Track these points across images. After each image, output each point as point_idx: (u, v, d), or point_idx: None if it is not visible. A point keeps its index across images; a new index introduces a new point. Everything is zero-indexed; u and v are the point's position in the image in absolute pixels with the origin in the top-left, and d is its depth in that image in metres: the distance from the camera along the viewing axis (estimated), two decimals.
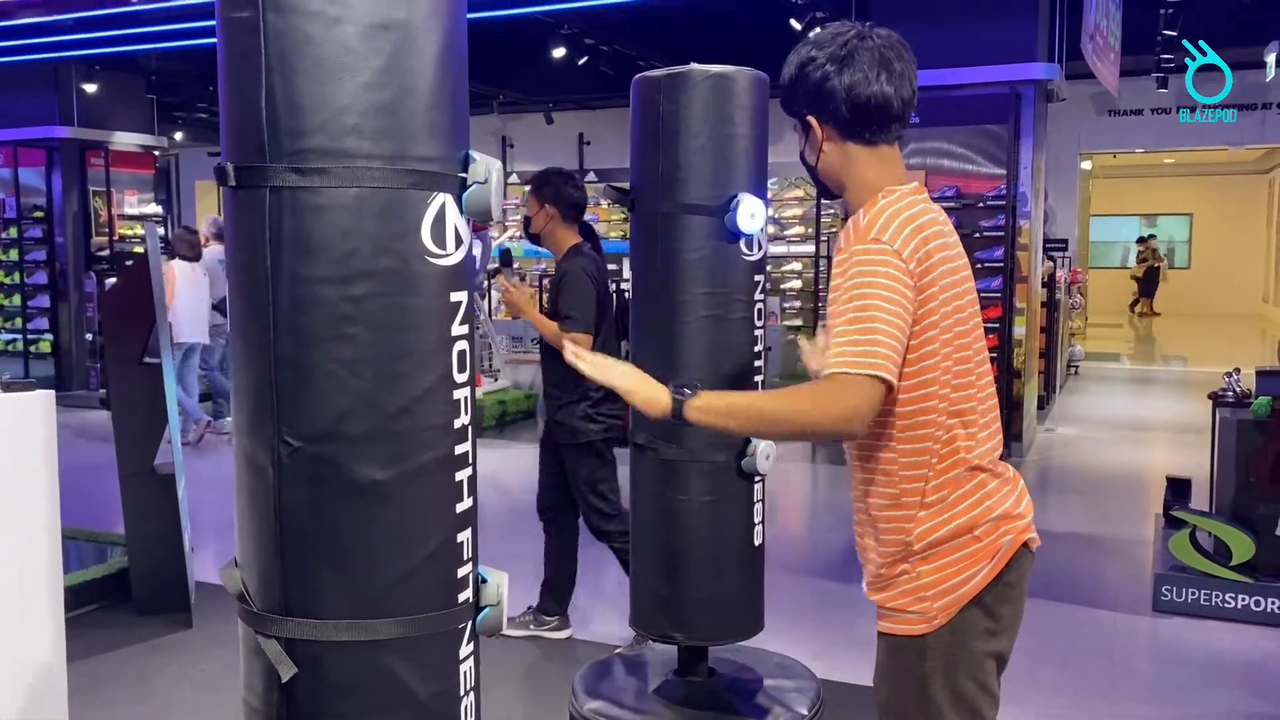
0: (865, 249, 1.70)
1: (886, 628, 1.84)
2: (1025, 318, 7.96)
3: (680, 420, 1.82)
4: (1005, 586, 1.81)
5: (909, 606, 1.80)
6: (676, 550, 3.20)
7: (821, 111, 1.82)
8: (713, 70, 3.03)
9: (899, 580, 1.80)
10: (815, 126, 1.84)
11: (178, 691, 3.74)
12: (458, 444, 1.76)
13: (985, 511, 1.79)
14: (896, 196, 1.79)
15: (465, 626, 1.79)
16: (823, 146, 1.85)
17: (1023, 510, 1.86)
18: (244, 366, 1.71)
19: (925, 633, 1.79)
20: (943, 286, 1.75)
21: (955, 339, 1.78)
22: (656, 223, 3.14)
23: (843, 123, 1.81)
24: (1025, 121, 7.70)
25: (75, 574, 4.54)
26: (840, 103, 1.79)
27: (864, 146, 1.83)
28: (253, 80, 1.63)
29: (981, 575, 1.78)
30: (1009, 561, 1.81)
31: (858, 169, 1.84)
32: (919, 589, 1.79)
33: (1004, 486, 1.85)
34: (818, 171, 1.89)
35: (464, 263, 1.77)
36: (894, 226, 1.72)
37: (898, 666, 1.83)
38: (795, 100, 1.86)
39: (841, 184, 1.87)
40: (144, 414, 4.46)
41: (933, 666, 1.79)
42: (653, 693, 3.33)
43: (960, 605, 1.78)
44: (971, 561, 1.78)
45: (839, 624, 4.47)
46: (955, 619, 1.78)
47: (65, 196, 11.14)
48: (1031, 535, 1.87)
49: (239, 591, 1.74)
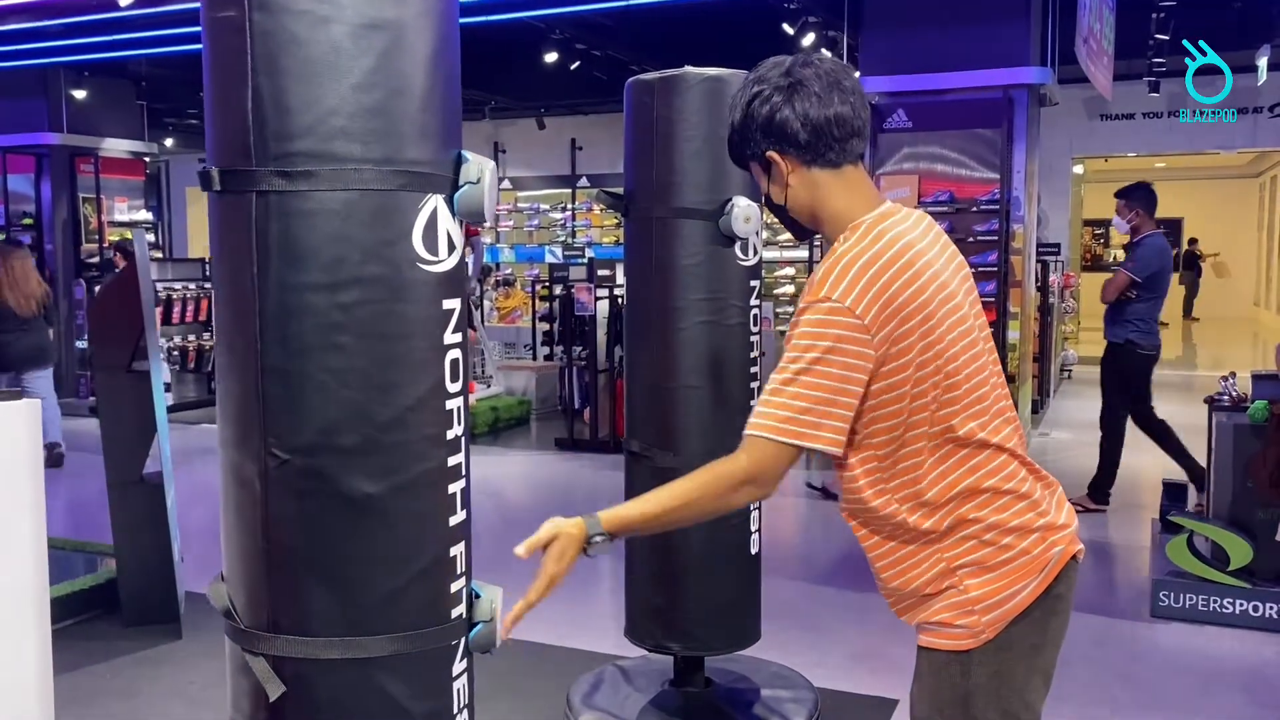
0: (816, 307, 1.67)
1: (929, 642, 1.79)
2: (1019, 322, 7.94)
3: (599, 540, 1.71)
4: (1054, 599, 1.77)
5: (955, 620, 1.75)
6: (672, 560, 3.16)
7: (781, 141, 1.76)
8: (707, 73, 3.00)
9: (945, 594, 1.75)
10: (778, 160, 1.77)
11: (167, 705, 3.69)
12: (451, 455, 1.72)
13: (1033, 521, 1.75)
14: (862, 233, 1.73)
15: (458, 643, 1.74)
16: (789, 180, 1.78)
17: (1066, 519, 1.82)
18: (230, 376, 1.67)
19: (971, 648, 1.74)
20: (925, 318, 1.68)
21: (949, 363, 1.72)
22: (651, 228, 3.11)
23: (804, 148, 1.75)
24: (1018, 125, 7.69)
25: (63, 585, 4.48)
26: (798, 129, 1.74)
27: (829, 170, 1.77)
28: (238, 81, 1.59)
29: (1030, 589, 1.74)
30: (1058, 574, 1.77)
31: (828, 199, 1.78)
32: (966, 603, 1.74)
33: (1046, 494, 1.80)
34: (787, 210, 1.82)
35: (457, 269, 1.73)
36: (850, 277, 1.66)
37: (939, 682, 1.78)
38: (750, 140, 1.79)
39: (815, 216, 1.81)
40: (132, 422, 4.41)
41: (977, 683, 1.74)
42: (649, 704, 3.29)
43: (1008, 620, 1.73)
44: (1021, 575, 1.73)
45: (836, 633, 4.43)
46: (1002, 634, 1.74)
47: (55, 203, 11.07)
48: (1079, 546, 1.83)
49: (225, 607, 1.70)
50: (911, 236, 1.75)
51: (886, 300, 1.66)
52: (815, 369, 1.64)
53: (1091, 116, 13.03)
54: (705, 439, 3.10)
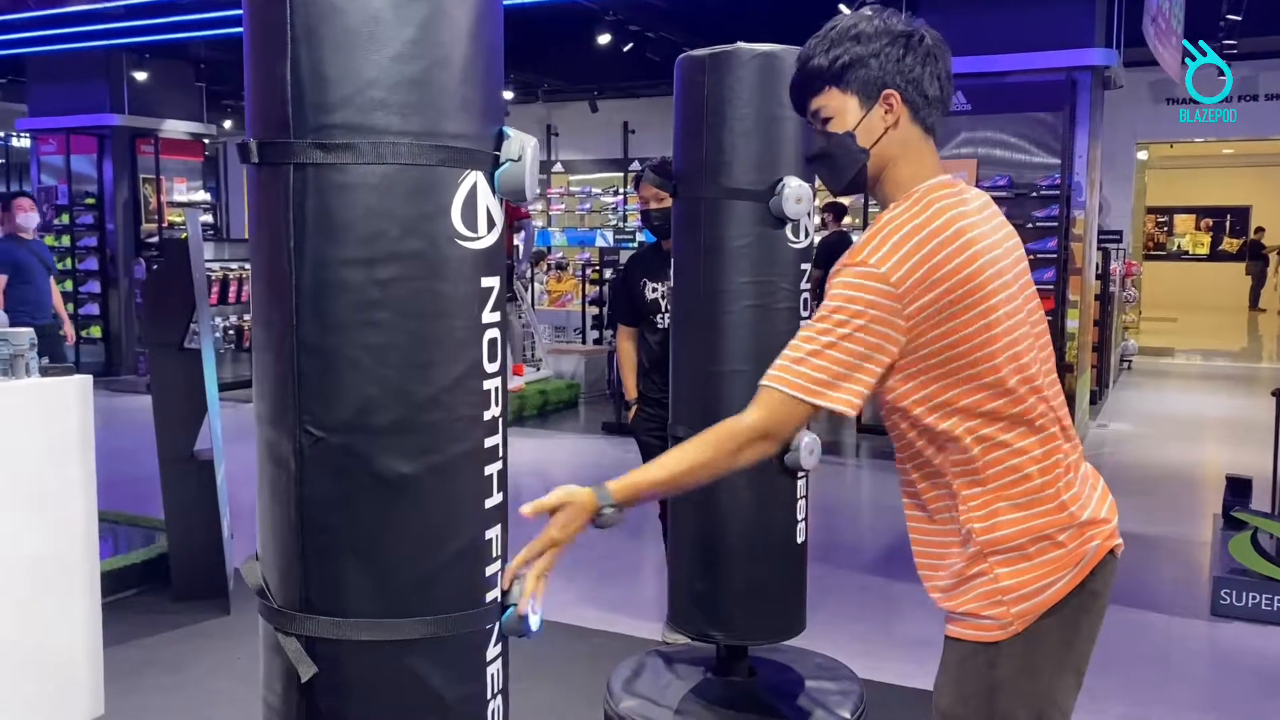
0: (851, 269, 1.62)
1: (956, 632, 1.74)
2: (1079, 310, 7.76)
3: (610, 512, 1.66)
4: (1088, 595, 1.71)
5: (983, 611, 1.69)
6: (716, 547, 3.11)
7: (910, 86, 1.70)
8: (760, 49, 2.92)
9: (975, 583, 1.70)
10: (895, 102, 1.70)
11: (214, 680, 3.72)
12: (488, 436, 1.68)
13: (1070, 515, 1.68)
14: (911, 202, 1.67)
15: (493, 627, 1.71)
16: (888, 125, 1.70)
17: (1107, 513, 1.75)
18: (266, 353, 1.65)
19: (999, 639, 1.68)
20: (971, 291, 1.62)
21: (988, 345, 1.65)
22: (700, 208, 3.05)
23: (922, 104, 1.70)
24: (1081, 109, 7.50)
25: (115, 559, 4.55)
26: (931, 82, 1.70)
27: (922, 132, 1.73)
28: (278, 52, 1.56)
29: (1064, 582, 1.68)
30: (1093, 569, 1.71)
31: (905, 159, 1.72)
32: (996, 592, 1.68)
33: (1086, 485, 1.74)
34: (869, 154, 1.72)
35: (496, 246, 1.69)
36: (890, 244, 1.61)
37: (965, 674, 1.73)
38: (885, 69, 1.68)
39: (882, 173, 1.73)
40: (184, 400, 4.45)
41: (1004, 676, 1.69)
42: (690, 692, 3.25)
43: (1039, 613, 1.67)
44: (1055, 568, 1.67)
45: (882, 624, 4.36)
46: (1032, 627, 1.68)
47: (116, 183, 11.26)
48: (1117, 541, 1.76)
49: (259, 586, 1.68)
50: (964, 209, 1.68)
51: (927, 272, 1.60)
52: (842, 332, 1.60)
53: (1157, 100, 12.67)
54: None
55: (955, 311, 1.61)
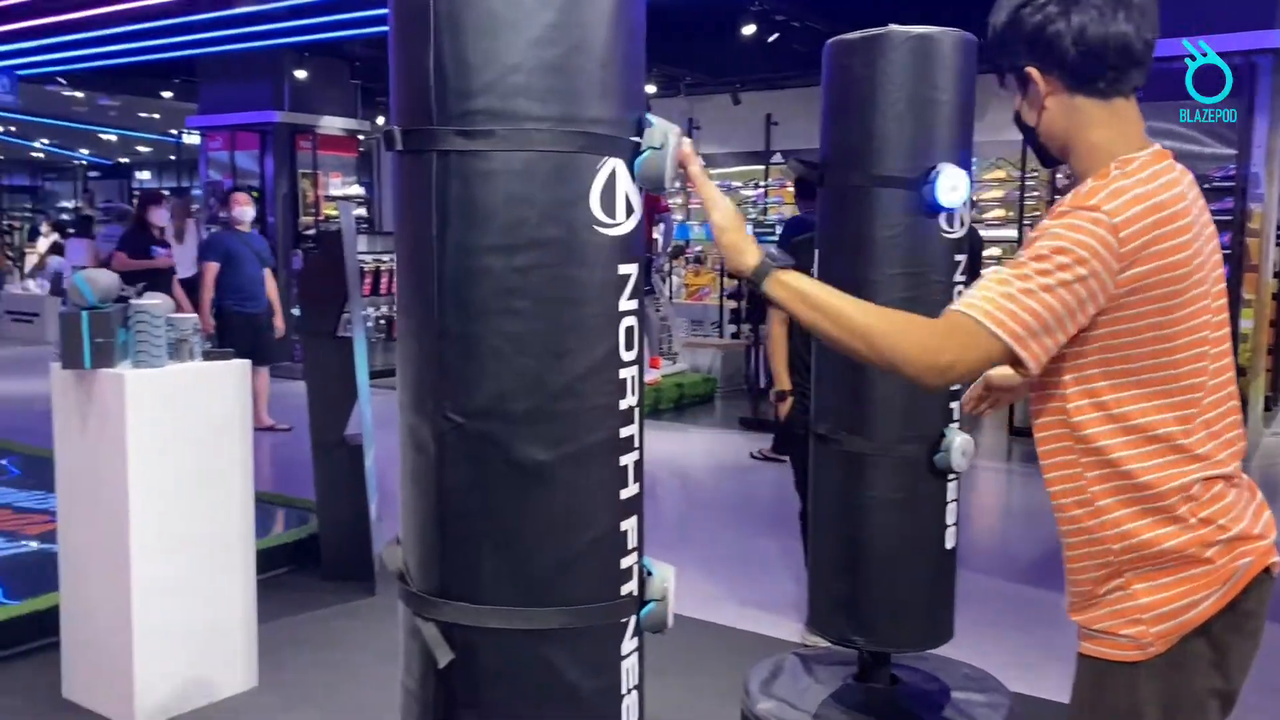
0: (1080, 213, 1.47)
1: (1090, 650, 1.61)
2: (1253, 310, 7.28)
3: (755, 286, 1.61)
4: (1239, 616, 1.57)
5: (1120, 629, 1.56)
6: (860, 550, 3.01)
7: (1044, 60, 1.55)
8: (914, 31, 2.81)
9: (1110, 598, 1.57)
10: (1037, 79, 1.56)
11: (360, 659, 3.83)
12: (623, 426, 1.65)
13: (1218, 530, 1.54)
14: (1137, 167, 1.51)
15: (628, 621, 1.68)
16: (1045, 103, 1.57)
17: (1263, 529, 1.60)
18: (409, 339, 1.66)
19: (1138, 660, 1.55)
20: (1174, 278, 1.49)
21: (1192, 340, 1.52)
22: (847, 197, 2.95)
23: (1071, 72, 1.54)
24: (1261, 96, 7.02)
25: (269, 538, 4.74)
26: (1068, 47, 1.52)
27: (1096, 100, 1.56)
28: (421, 39, 1.57)
29: (1211, 601, 1.54)
30: (1245, 588, 1.56)
31: (1087, 129, 1.56)
32: (1134, 610, 1.55)
33: (1241, 500, 1.59)
34: (1038, 133, 1.61)
35: (634, 232, 1.65)
36: (1125, 199, 1.47)
37: (1100, 696, 1.60)
38: (1010, 50, 1.58)
39: (1066, 146, 1.60)
40: (336, 386, 4.59)
41: (1144, 700, 1.55)
42: (830, 697, 3.16)
43: (1182, 633, 1.54)
44: (1200, 585, 1.54)
45: (1034, 635, 4.15)
46: (1174, 649, 1.54)
47: (276, 178, 11.79)
48: (1274, 559, 1.60)
49: (399, 570, 1.69)
50: (1182, 189, 1.54)
51: (1150, 240, 1.47)
52: (1064, 276, 1.45)
53: None
54: (900, 423, 2.93)
55: (1154, 297, 1.48)
